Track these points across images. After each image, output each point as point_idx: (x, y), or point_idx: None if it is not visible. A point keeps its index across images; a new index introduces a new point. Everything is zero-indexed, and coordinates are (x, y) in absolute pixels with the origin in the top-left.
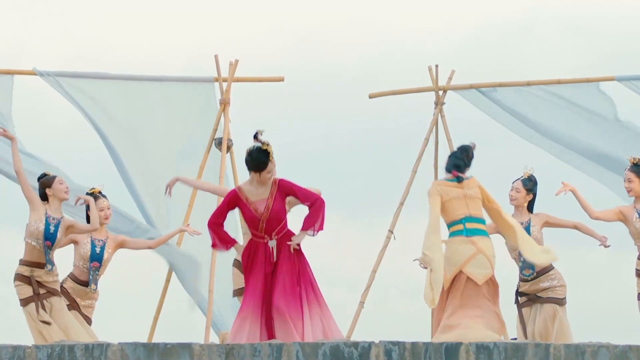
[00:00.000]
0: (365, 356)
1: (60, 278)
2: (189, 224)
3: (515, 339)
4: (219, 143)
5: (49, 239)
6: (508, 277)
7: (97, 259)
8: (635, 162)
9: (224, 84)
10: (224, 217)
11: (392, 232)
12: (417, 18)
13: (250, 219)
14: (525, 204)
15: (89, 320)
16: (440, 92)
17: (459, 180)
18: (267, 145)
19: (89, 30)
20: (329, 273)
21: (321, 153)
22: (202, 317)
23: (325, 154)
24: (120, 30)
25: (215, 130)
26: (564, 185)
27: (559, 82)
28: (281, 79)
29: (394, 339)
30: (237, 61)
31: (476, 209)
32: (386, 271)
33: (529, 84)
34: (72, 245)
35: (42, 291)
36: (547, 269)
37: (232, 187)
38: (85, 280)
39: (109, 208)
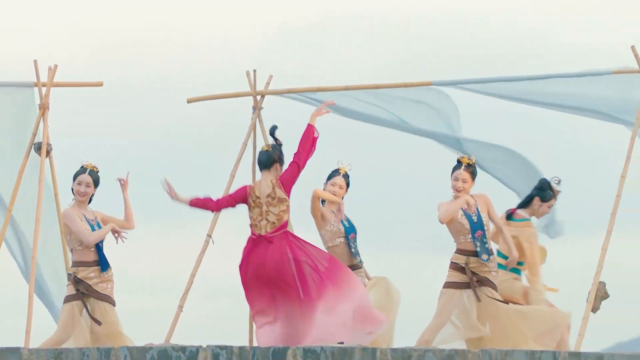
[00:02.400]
0: None
1: None
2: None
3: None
4: (38, 148)
5: None
6: None
7: None
8: (469, 162)
9: (44, 89)
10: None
11: (210, 237)
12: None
13: None
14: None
15: None
16: (259, 97)
17: None
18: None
19: None
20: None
21: (140, 157)
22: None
23: (144, 158)
24: None
25: (34, 134)
26: None
27: (377, 87)
28: (100, 84)
29: (221, 343)
30: (56, 66)
31: None
32: (205, 275)
33: (346, 88)
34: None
35: None
36: None
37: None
38: None
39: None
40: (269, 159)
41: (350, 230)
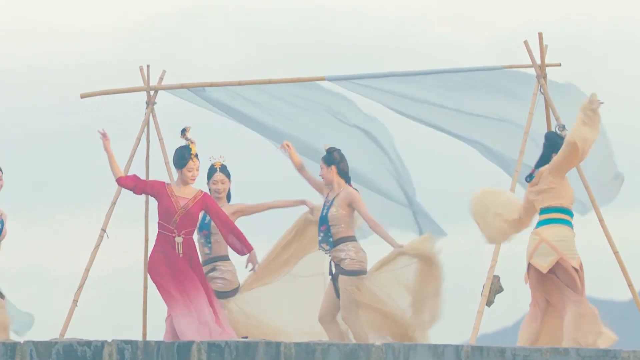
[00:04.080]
0: (98, 355)
1: None
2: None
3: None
4: None
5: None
6: None
7: None
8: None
9: None
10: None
11: (104, 231)
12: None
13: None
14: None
15: None
16: (152, 92)
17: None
18: (192, 143)
19: None
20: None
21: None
22: None
23: (34, 152)
24: None
25: None
26: None
27: (269, 81)
28: None
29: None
30: None
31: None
32: (99, 269)
33: (240, 83)
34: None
35: None
36: None
37: None
38: None
39: None
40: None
41: None
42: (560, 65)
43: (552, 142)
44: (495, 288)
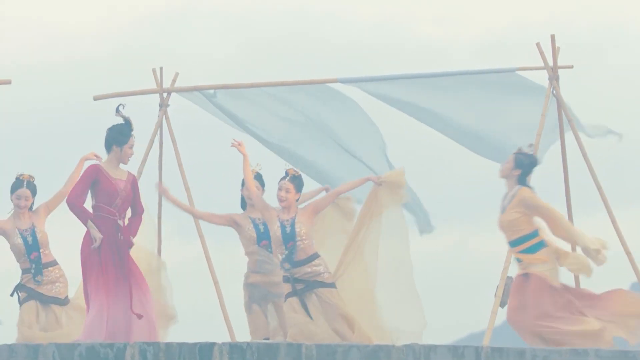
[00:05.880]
0: (120, 357)
1: None
2: None
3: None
4: None
5: None
6: None
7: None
8: (294, 173)
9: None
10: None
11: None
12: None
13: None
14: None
15: None
16: (165, 94)
17: None
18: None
19: None
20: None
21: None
22: None
23: (49, 153)
24: None
25: None
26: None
27: (282, 83)
28: (9, 82)
29: None
30: None
31: None
32: None
33: (252, 85)
34: None
35: None
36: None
37: None
38: None
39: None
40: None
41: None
42: (572, 67)
43: (517, 161)
44: (508, 290)
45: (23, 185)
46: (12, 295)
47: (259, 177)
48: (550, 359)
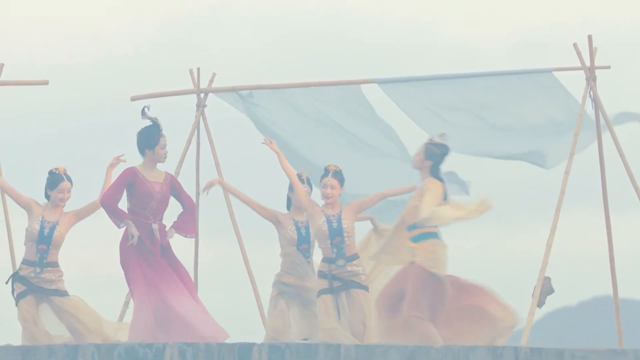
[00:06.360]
0: (159, 357)
1: None
2: None
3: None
4: None
5: None
6: None
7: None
8: (335, 169)
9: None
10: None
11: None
12: None
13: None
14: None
15: None
16: (202, 95)
17: None
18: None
19: None
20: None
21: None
22: None
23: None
24: None
25: None
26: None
27: (320, 84)
28: (46, 82)
29: None
30: (2, 65)
31: None
32: None
33: (289, 85)
34: None
35: None
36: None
37: None
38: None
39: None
40: None
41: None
42: (609, 67)
43: (427, 152)
44: (546, 289)
45: (63, 178)
46: (7, 283)
47: (307, 181)
48: (589, 358)
